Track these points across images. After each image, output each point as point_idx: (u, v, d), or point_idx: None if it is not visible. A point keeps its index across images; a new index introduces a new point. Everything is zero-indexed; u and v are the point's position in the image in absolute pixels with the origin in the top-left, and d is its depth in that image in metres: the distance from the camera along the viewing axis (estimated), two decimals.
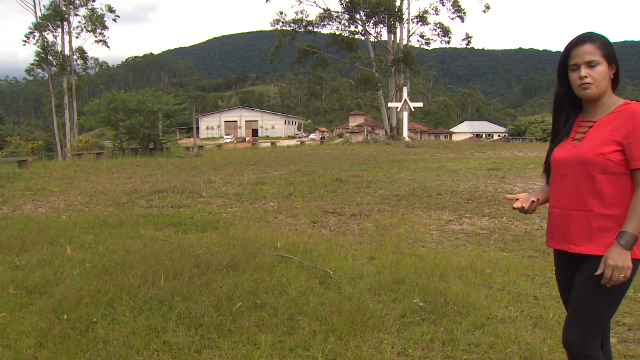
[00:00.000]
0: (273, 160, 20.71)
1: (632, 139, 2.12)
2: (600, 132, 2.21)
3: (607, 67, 2.21)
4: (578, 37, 2.26)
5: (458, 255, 5.78)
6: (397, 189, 11.23)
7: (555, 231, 2.34)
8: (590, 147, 2.19)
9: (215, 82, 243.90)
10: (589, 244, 2.20)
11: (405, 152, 26.25)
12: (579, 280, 2.27)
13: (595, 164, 2.17)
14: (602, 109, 2.27)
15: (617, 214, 2.17)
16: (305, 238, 6.60)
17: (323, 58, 49.76)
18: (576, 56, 2.22)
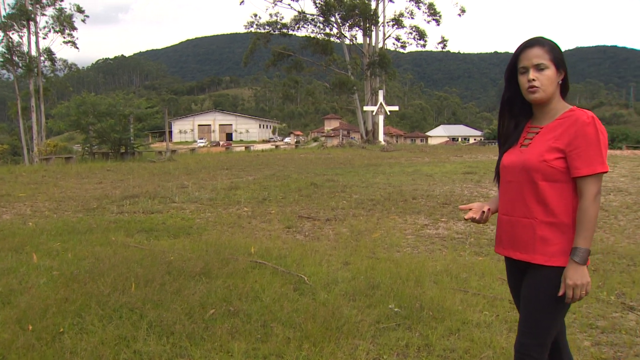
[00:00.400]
0: (247, 164, 20.61)
1: (573, 146, 2.13)
2: (545, 138, 2.22)
3: (555, 72, 2.22)
4: (527, 40, 2.28)
5: (433, 260, 5.82)
6: (373, 193, 11.27)
7: (503, 238, 2.36)
8: (535, 154, 2.20)
9: (189, 85, 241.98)
10: (532, 252, 2.22)
11: (381, 156, 26.37)
12: (525, 288, 2.29)
13: (538, 171, 2.17)
14: (549, 114, 2.28)
15: (561, 222, 2.17)
16: (279, 243, 6.59)
17: (298, 61, 49.76)
18: (525, 59, 2.23)
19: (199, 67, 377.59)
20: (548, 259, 2.18)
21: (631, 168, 17.76)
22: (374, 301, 4.32)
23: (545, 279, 2.19)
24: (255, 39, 48.60)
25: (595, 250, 6.16)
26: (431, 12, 48.95)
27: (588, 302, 4.42)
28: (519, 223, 2.25)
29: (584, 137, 2.12)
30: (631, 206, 9.45)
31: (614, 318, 4.10)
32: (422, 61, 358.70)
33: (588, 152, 2.12)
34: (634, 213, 8.82)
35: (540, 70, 2.20)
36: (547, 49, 2.22)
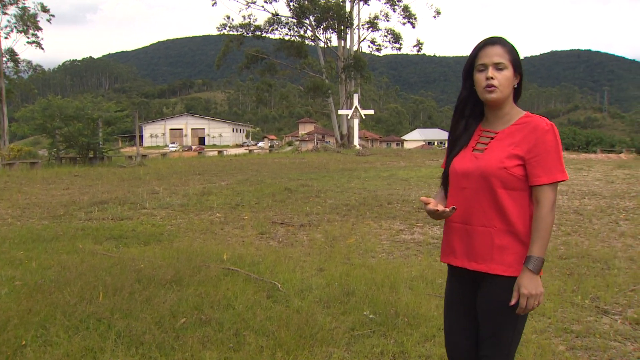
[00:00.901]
0: (220, 169, 20.50)
1: (533, 154, 2.11)
2: (503, 144, 2.18)
3: (513, 74, 2.19)
4: (489, 38, 2.23)
5: (409, 266, 5.86)
6: (348, 198, 11.30)
7: (457, 247, 2.25)
8: (493, 160, 2.15)
9: (160, 88, 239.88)
10: (490, 262, 2.15)
11: (356, 161, 26.48)
12: (484, 301, 2.22)
13: (497, 178, 2.12)
14: (503, 119, 2.24)
15: (518, 230, 2.15)
16: (252, 250, 6.56)
17: (272, 64, 49.77)
18: (485, 56, 2.18)
19: (171, 70, 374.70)
20: (506, 269, 2.14)
21: (605, 172, 18.14)
22: (349, 308, 4.33)
23: (504, 289, 2.14)
24: (228, 41, 48.47)
25: (570, 255, 6.27)
26: (406, 15, 49.40)
27: (563, 306, 4.49)
28: (476, 232, 2.18)
29: (544, 144, 2.12)
30: (605, 210, 9.64)
31: (589, 322, 4.17)
32: (398, 64, 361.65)
33: (548, 160, 2.11)
34: (608, 217, 9.00)
35: (499, 69, 2.16)
36: (508, 49, 2.18)
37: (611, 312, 4.39)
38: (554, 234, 7.66)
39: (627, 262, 5.99)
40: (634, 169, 19.22)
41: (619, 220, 8.71)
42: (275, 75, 51.67)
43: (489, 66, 2.17)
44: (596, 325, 4.11)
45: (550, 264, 5.84)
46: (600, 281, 5.20)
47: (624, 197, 11.25)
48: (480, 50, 2.21)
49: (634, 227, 8.05)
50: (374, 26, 49.81)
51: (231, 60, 52.90)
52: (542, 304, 4.39)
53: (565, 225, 8.26)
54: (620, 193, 11.98)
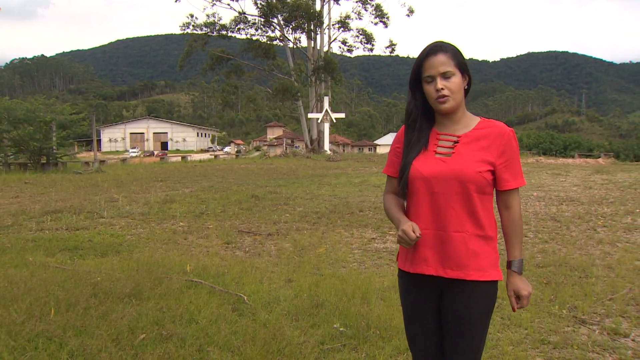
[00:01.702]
0: (184, 175, 20.34)
1: (503, 159, 2.20)
2: (471, 148, 2.23)
3: (461, 78, 2.23)
4: (430, 47, 2.25)
5: (381, 275, 5.88)
6: (317, 205, 11.32)
7: (429, 255, 2.24)
8: (468, 164, 2.19)
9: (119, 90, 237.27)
10: (466, 268, 2.19)
11: (327, 166, 26.54)
12: (456, 307, 2.24)
13: (474, 182, 2.17)
14: (460, 123, 2.29)
15: (487, 234, 2.23)
16: (217, 260, 6.52)
17: (238, 65, 49.63)
18: (430, 67, 2.21)
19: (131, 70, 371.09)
20: (482, 274, 2.20)
21: (583, 177, 18.54)
22: (318, 321, 4.32)
23: (479, 294, 2.20)
24: (191, 40, 48.19)
25: (547, 263, 6.37)
26: (378, 14, 49.86)
27: (540, 316, 4.56)
28: (450, 238, 2.19)
29: (511, 150, 2.23)
30: (583, 216, 9.84)
31: (566, 333, 4.24)
32: (370, 66, 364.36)
33: (515, 165, 2.23)
34: (586, 223, 9.19)
35: (447, 78, 2.20)
36: (451, 54, 2.22)
37: (589, 322, 4.47)
38: (531, 241, 7.79)
39: (605, 270, 6.11)
40: (612, 174, 19.69)
41: (596, 227, 8.91)
42: (242, 77, 51.60)
43: (436, 77, 2.21)
44: (574, 335, 4.18)
45: (527, 272, 5.92)
46: (578, 290, 5.29)
47: (602, 203, 11.50)
48: (424, 61, 2.25)
49: (611, 234, 8.23)
50: (345, 26, 50.12)
51: (195, 61, 52.65)
52: (518, 314, 4.47)
53: (543, 233, 8.40)
54: (598, 199, 12.25)
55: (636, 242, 7.67)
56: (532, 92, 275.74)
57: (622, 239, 7.90)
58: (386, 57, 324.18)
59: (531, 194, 13.38)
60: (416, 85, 2.32)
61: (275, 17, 48.08)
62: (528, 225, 9.00)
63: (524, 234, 8.18)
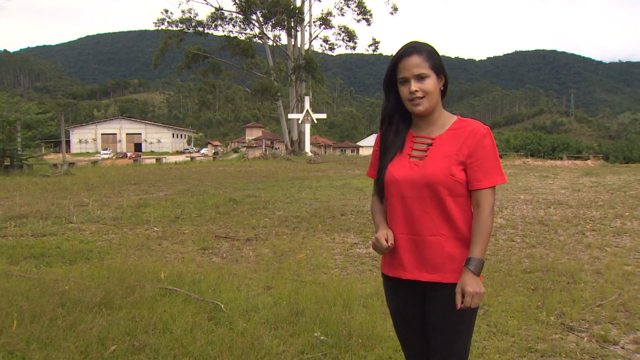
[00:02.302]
0: (158, 178, 20.22)
1: (474, 158, 2.24)
2: (444, 150, 2.28)
3: (436, 79, 2.29)
4: (404, 48, 2.30)
5: (363, 282, 5.89)
6: (298, 209, 11.32)
7: (406, 259, 2.31)
8: (439, 168, 2.24)
9: (90, 89, 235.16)
10: (442, 271, 2.26)
11: (307, 169, 26.56)
12: (436, 311, 2.32)
13: (445, 186, 2.23)
14: (437, 124, 2.35)
15: (464, 236, 2.28)
16: (193, 267, 6.49)
17: (215, 63, 49.47)
18: (404, 69, 2.27)
19: (102, 68, 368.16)
20: (457, 276, 2.25)
21: (572, 179, 18.76)
22: (298, 329, 4.31)
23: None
24: (166, 37, 47.95)
25: (535, 268, 6.43)
26: (361, 11, 50.02)
27: (527, 323, 4.59)
28: (425, 242, 2.26)
29: (483, 148, 2.26)
30: (571, 220, 9.95)
31: (554, 340, 4.28)
32: (353, 65, 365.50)
33: (487, 163, 2.26)
34: (574, 227, 9.29)
35: (422, 79, 2.26)
36: (425, 56, 2.26)
37: (577, 329, 4.51)
38: (518, 246, 7.86)
39: (593, 276, 6.18)
40: (601, 176, 19.95)
41: (585, 230, 9.01)
42: (219, 75, 51.41)
43: (410, 79, 2.26)
44: (562, 343, 4.22)
45: (514, 278, 5.97)
46: (566, 296, 5.34)
47: (591, 207, 11.64)
48: (398, 62, 2.30)
49: (600, 238, 8.33)
50: (327, 23, 50.23)
51: (170, 59, 52.34)
52: (504, 322, 4.50)
53: (530, 237, 8.48)
54: (586, 202, 12.40)
55: (625, 247, 7.77)
56: (520, 92, 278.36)
57: (611, 244, 7.99)
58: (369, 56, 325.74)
59: (518, 197, 13.51)
60: (390, 86, 2.38)
61: (254, 14, 48.03)
62: (515, 230, 9.08)
63: (510, 238, 8.25)
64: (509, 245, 7.92)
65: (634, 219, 10.00)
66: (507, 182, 13.18)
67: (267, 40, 49.86)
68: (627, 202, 12.19)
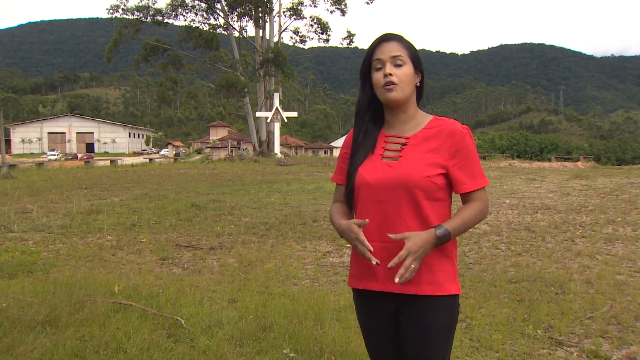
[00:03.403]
0: (113, 182, 20.01)
1: (456, 160, 2.24)
2: (419, 151, 2.27)
3: (412, 70, 2.30)
4: (383, 35, 2.35)
5: (337, 294, 5.90)
6: (266, 215, 11.31)
7: (377, 270, 2.26)
8: (415, 169, 2.22)
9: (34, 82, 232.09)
10: (418, 283, 2.21)
11: (277, 171, 26.53)
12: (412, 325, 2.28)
13: (421, 188, 2.20)
14: (410, 123, 2.35)
15: (444, 246, 2.24)
16: (151, 279, 6.44)
17: (176, 56, 49.12)
18: (381, 53, 2.29)
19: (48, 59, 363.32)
20: (436, 289, 2.22)
21: (560, 182, 19.01)
22: (266, 346, 4.31)
23: (436, 311, 2.23)
24: (121, 27, 47.42)
25: (521, 278, 6.50)
26: (335, 0, 50.12)
27: (513, 337, 4.64)
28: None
29: (465, 149, 2.26)
30: (560, 226, 10.07)
31: (541, 355, 4.32)
32: (326, 59, 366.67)
33: (471, 165, 2.26)
34: (563, 234, 9.40)
35: (398, 65, 2.27)
36: (405, 45, 2.31)
37: (566, 343, 4.56)
38: (503, 254, 7.94)
39: (583, 286, 6.25)
40: (592, 179, 20.23)
41: (575, 237, 9.12)
42: (180, 69, 51.09)
43: (386, 62, 2.28)
44: (550, 359, 4.26)
45: (499, 288, 6.03)
46: (554, 308, 5.40)
47: (581, 212, 11.80)
48: (376, 47, 2.32)
49: (591, 246, 8.44)
50: (298, 13, 50.32)
51: (126, 51, 51.85)
52: (489, 335, 4.54)
53: (516, 244, 8.57)
54: (576, 207, 12.56)
55: (617, 254, 7.86)
56: (505, 88, 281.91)
57: (602, 251, 8.09)
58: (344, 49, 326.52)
59: (503, 201, 13.65)
60: (367, 75, 2.38)
61: (218, 2, 47.92)
62: (499, 236, 9.17)
63: (494, 245, 8.33)
64: (493, 253, 8.00)
65: (626, 224, 10.14)
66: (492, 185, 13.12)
67: (232, 32, 49.75)
68: (619, 207, 12.38)
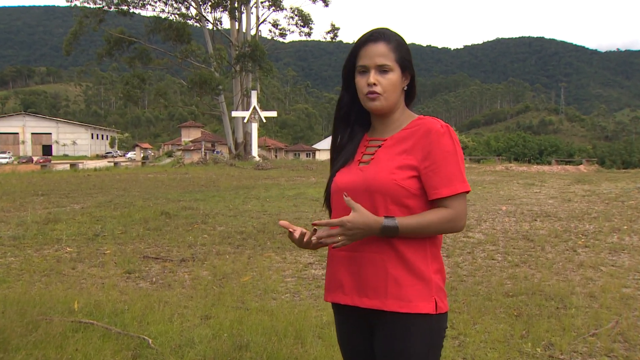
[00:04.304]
0: (73, 188, 19.90)
1: (429, 162, 2.18)
2: (391, 152, 2.25)
3: (400, 76, 2.27)
4: (370, 33, 2.29)
5: (319, 309, 5.90)
6: (243, 224, 11.29)
7: (345, 281, 2.27)
8: (381, 171, 2.21)
9: None
10: (384, 297, 2.19)
11: (255, 176, 26.53)
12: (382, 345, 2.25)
13: (386, 193, 2.17)
14: (393, 126, 2.33)
15: (411, 262, 2.20)
16: (115, 295, 6.40)
17: (144, 50, 48.91)
18: (366, 57, 2.25)
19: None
20: (404, 305, 2.17)
21: (561, 187, 19.16)
22: None
23: (405, 333, 2.18)
24: (82, 16, 46.98)
25: (518, 291, 6.53)
26: None
27: (510, 356, 4.65)
28: (365, 260, 2.20)
29: (440, 150, 2.19)
30: (561, 234, 10.14)
31: None
32: (308, 54, 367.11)
33: (446, 168, 2.18)
34: (564, 243, 9.46)
35: (383, 72, 2.24)
36: (393, 46, 2.25)
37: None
38: (499, 265, 7.98)
39: (586, 300, 6.28)
40: (595, 183, 20.41)
41: (577, 247, 9.18)
42: (149, 65, 50.90)
43: (370, 69, 2.25)
44: None
45: (495, 302, 6.06)
46: (555, 324, 5.43)
47: (583, 219, 11.89)
48: (361, 48, 2.28)
49: (594, 256, 8.50)
50: (277, 4, 50.38)
51: (88, 44, 51.82)
52: (484, 355, 4.56)
53: (513, 255, 8.62)
54: (578, 214, 12.66)
55: (623, 266, 7.91)
56: (502, 86, 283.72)
57: (606, 262, 8.14)
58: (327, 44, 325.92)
59: (499, 208, 13.73)
60: (350, 74, 2.36)
61: None
62: (495, 246, 9.21)
63: (489, 256, 8.36)
64: (489, 264, 8.04)
65: (633, 233, 10.23)
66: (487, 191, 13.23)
67: (206, 24, 49.68)
68: (625, 214, 12.48)
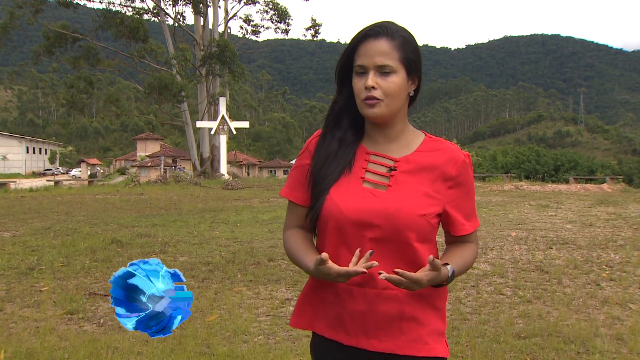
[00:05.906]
0: (3, 213, 19.79)
1: (455, 196, 2.26)
2: (412, 180, 2.23)
3: (405, 79, 2.21)
4: (372, 26, 2.22)
5: (298, 353, 5.88)
6: (209, 253, 11.27)
7: (347, 319, 2.24)
8: (409, 204, 2.17)
9: None
10: (398, 339, 2.19)
11: (224, 197, 26.51)
12: None
13: (418, 230, 2.16)
14: (398, 141, 2.31)
15: (430, 293, 2.22)
16: (53, 340, 6.32)
17: (91, 49, 48.75)
18: (365, 55, 2.18)
19: None
20: (422, 347, 2.19)
21: (581, 210, 19.20)
22: None
23: None
24: (13, 6, 46.63)
25: (531, 332, 6.50)
26: None
27: None
28: (380, 297, 2.18)
29: (467, 184, 2.27)
30: (581, 265, 10.11)
31: None
32: (286, 55, 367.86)
33: (469, 203, 2.30)
34: (585, 275, 9.42)
35: (385, 74, 2.16)
36: (398, 43, 2.18)
37: None
38: (508, 300, 7.96)
39: (613, 343, 6.24)
40: (622, 205, 20.44)
41: (600, 280, 9.15)
42: (97, 66, 50.78)
43: (369, 69, 2.17)
44: None
45: (504, 345, 6.04)
46: None
47: (607, 247, 11.89)
48: (360, 44, 2.21)
49: (621, 291, 8.44)
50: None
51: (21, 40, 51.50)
52: None
53: (525, 288, 8.58)
54: (601, 241, 12.67)
55: None
56: (510, 92, 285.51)
57: (636, 298, 8.08)
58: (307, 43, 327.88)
59: (508, 234, 13.74)
60: (345, 75, 2.30)
61: None
62: (504, 278, 9.18)
63: (497, 290, 8.37)
64: (496, 299, 8.02)
65: None
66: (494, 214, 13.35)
67: (165, 19, 49.83)
68: None
